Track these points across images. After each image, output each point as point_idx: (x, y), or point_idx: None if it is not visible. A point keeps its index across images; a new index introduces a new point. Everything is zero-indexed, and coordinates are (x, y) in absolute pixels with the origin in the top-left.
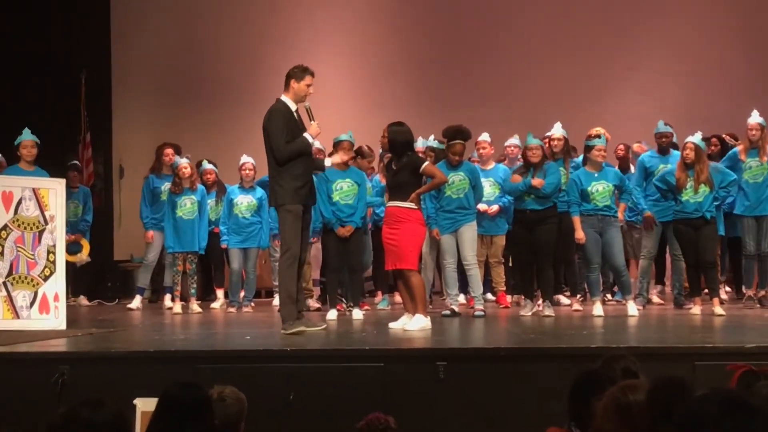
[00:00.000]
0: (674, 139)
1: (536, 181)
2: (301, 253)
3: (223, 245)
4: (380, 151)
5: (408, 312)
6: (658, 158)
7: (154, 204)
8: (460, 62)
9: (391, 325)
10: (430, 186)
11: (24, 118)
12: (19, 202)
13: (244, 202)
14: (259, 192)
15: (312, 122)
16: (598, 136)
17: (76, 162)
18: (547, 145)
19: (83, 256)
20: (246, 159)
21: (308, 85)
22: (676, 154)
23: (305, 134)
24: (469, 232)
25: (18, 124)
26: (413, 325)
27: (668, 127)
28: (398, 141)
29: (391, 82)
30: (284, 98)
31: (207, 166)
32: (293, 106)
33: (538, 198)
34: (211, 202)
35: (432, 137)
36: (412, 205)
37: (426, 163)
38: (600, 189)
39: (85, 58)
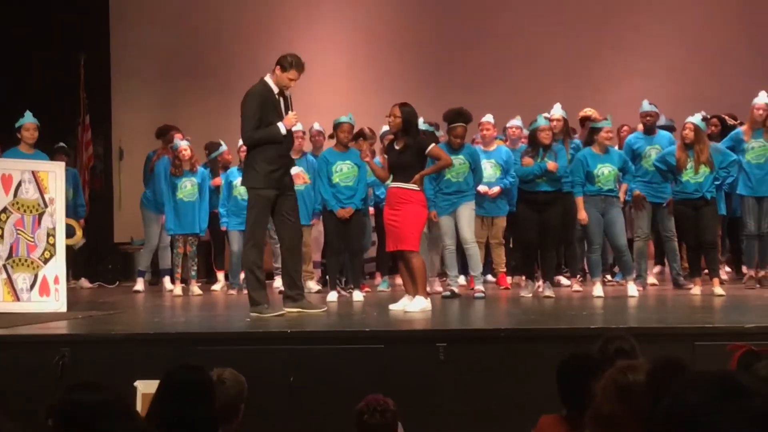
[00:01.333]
0: (664, 121)
1: (551, 165)
2: (296, 238)
3: (223, 227)
4: (381, 131)
5: (408, 293)
6: (644, 139)
7: (149, 186)
8: (460, 44)
9: (392, 306)
10: (435, 167)
11: (23, 100)
12: (19, 185)
13: None
14: None
15: (289, 112)
16: (605, 119)
17: (63, 145)
18: None
19: (78, 237)
20: (225, 147)
21: (291, 79)
22: (662, 134)
23: (279, 123)
24: (467, 211)
25: (17, 106)
26: (414, 307)
27: (652, 107)
28: (413, 122)
29: (391, 64)
30: (268, 79)
31: (225, 147)
32: (275, 89)
33: (550, 180)
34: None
35: (421, 119)
36: (415, 187)
37: (432, 145)
38: (606, 172)
39: (84, 40)
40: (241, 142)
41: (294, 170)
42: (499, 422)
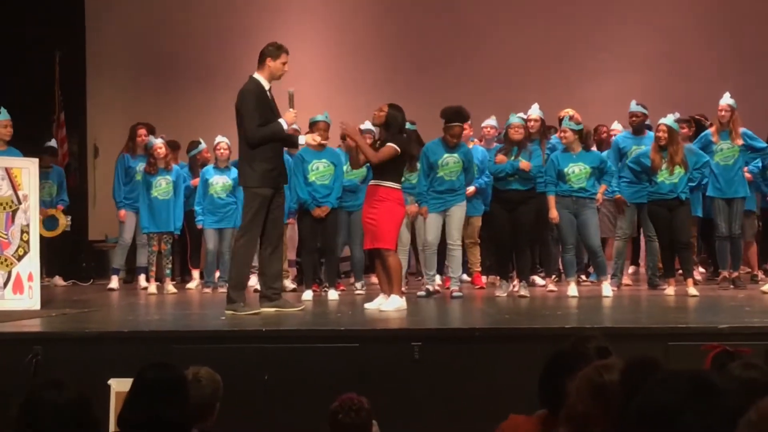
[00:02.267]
0: (649, 121)
1: (524, 164)
2: (277, 235)
3: (199, 225)
4: (361, 126)
5: (384, 292)
6: (631, 139)
7: (128, 184)
8: (438, 43)
9: (367, 305)
10: (368, 150)
11: None
12: None
13: (220, 182)
14: (234, 172)
15: (290, 109)
16: (563, 118)
17: (52, 145)
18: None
19: (63, 225)
20: (220, 138)
21: (284, 63)
22: (651, 134)
23: (280, 120)
24: (459, 212)
25: None
26: (389, 306)
27: (639, 107)
28: (393, 123)
29: (369, 63)
30: (258, 76)
31: (203, 146)
32: (267, 85)
33: (522, 179)
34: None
35: None
36: (393, 184)
37: (388, 144)
38: (576, 171)
39: (59, 37)
40: (219, 139)
41: (301, 139)
42: (473, 421)
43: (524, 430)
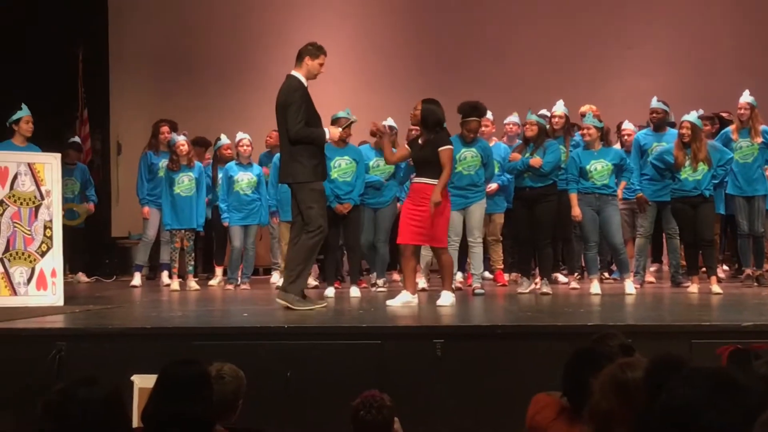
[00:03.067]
0: (672, 118)
1: (534, 161)
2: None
3: (225, 223)
4: (384, 123)
5: (406, 289)
6: (652, 136)
7: (151, 181)
8: (460, 40)
9: (389, 302)
10: (442, 182)
11: (21, 94)
12: (15, 178)
13: (245, 179)
14: (257, 169)
15: (340, 129)
16: (584, 115)
17: (76, 140)
18: (548, 123)
19: (80, 221)
20: (242, 135)
21: (321, 64)
22: (672, 132)
23: (325, 128)
24: (479, 210)
25: (14, 100)
26: (444, 301)
27: (660, 104)
28: (430, 118)
29: (391, 61)
30: (297, 74)
31: (225, 141)
32: (305, 83)
33: (536, 176)
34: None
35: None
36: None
37: (446, 147)
38: (598, 168)
39: (82, 34)
40: (240, 136)
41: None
42: (495, 418)
43: (545, 404)
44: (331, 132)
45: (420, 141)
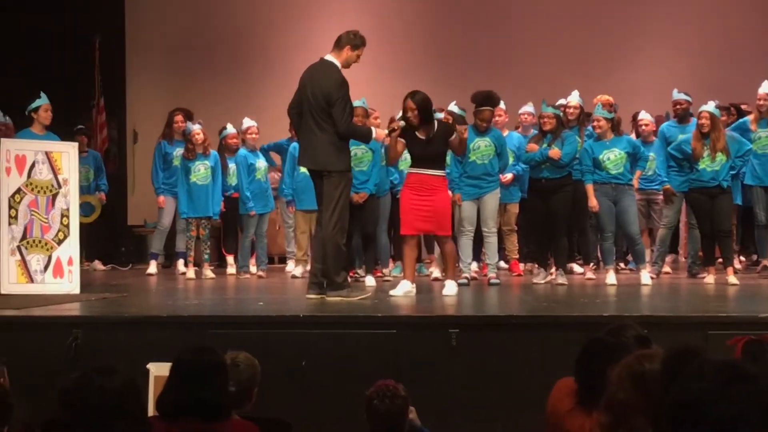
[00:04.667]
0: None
1: (553, 152)
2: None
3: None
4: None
5: (406, 278)
6: (676, 127)
7: (166, 170)
8: (474, 29)
9: (392, 292)
10: (460, 145)
11: (38, 82)
12: (32, 166)
13: (262, 166)
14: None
15: (386, 131)
16: (596, 106)
17: (82, 126)
18: (563, 113)
19: (98, 207)
20: (250, 122)
21: (359, 56)
22: (696, 122)
23: (374, 129)
24: (493, 200)
25: (32, 88)
26: (449, 291)
27: (682, 95)
28: (428, 110)
29: (407, 50)
30: (335, 61)
31: (231, 130)
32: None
33: (554, 167)
34: (232, 166)
35: (453, 102)
36: (443, 173)
37: (454, 135)
38: (611, 157)
39: (98, 22)
40: (248, 123)
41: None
42: (510, 408)
43: (566, 392)
44: (378, 134)
45: (421, 135)
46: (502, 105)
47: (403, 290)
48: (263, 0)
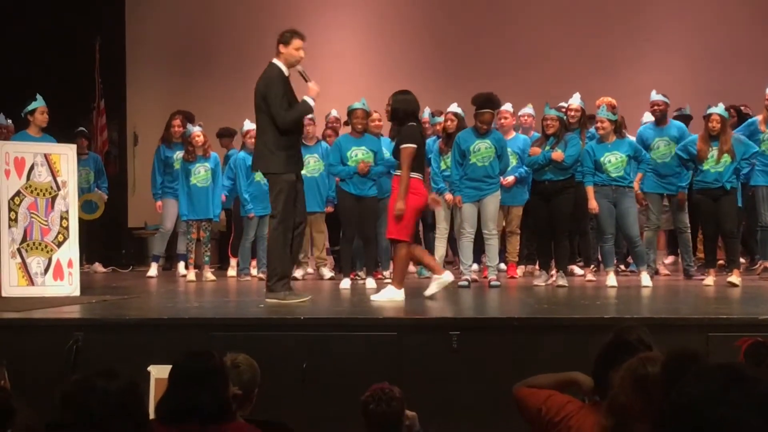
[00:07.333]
0: (689, 111)
1: (556, 154)
2: (300, 222)
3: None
4: None
5: (393, 284)
6: (653, 129)
7: (168, 173)
8: (476, 31)
9: (373, 297)
10: (402, 185)
11: (38, 84)
12: (32, 168)
13: None
14: None
15: (309, 83)
16: (599, 107)
17: (83, 128)
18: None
19: (99, 213)
20: (250, 125)
21: (297, 49)
22: (673, 124)
23: (305, 97)
24: (493, 203)
25: (32, 91)
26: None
27: (660, 96)
28: (401, 110)
29: (405, 52)
30: (277, 62)
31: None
32: (286, 71)
33: (557, 169)
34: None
35: (455, 104)
36: (413, 175)
37: (407, 145)
38: (612, 160)
39: (99, 25)
40: (249, 126)
41: (310, 100)
42: (511, 410)
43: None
44: (311, 92)
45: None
46: (509, 107)
47: (388, 296)
48: (262, 3)
